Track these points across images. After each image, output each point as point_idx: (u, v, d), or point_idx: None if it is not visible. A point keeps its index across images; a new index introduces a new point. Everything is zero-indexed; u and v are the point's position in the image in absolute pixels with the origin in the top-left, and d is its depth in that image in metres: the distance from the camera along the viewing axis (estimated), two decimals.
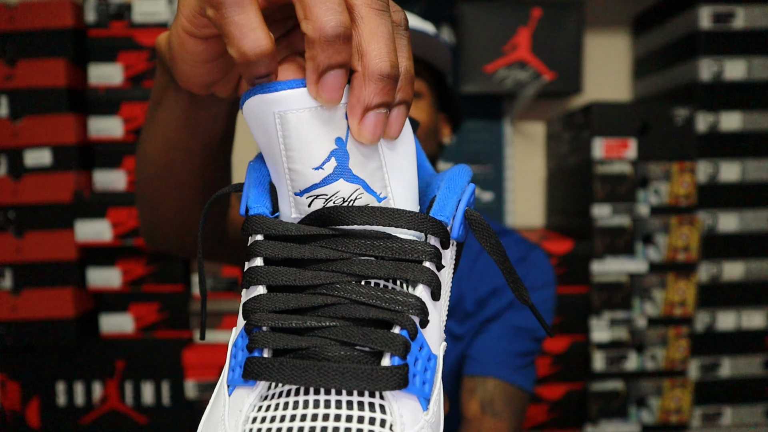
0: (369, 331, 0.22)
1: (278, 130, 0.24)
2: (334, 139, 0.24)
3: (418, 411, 0.23)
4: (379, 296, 0.23)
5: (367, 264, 0.24)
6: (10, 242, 1.28)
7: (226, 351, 1.29)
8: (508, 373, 0.70)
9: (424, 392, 0.23)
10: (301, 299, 0.23)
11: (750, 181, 1.33)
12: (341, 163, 0.24)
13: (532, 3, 1.46)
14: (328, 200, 0.25)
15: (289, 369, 0.21)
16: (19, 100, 1.27)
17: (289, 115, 0.24)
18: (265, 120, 0.24)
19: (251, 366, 0.22)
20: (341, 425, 0.21)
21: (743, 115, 1.32)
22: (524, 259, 0.76)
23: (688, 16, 1.34)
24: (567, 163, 1.44)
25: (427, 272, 0.24)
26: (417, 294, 0.24)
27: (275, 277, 0.24)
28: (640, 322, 1.29)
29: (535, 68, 1.48)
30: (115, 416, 1.33)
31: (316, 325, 0.23)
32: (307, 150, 0.24)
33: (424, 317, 0.23)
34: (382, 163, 0.25)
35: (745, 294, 1.34)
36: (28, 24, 1.26)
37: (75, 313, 1.29)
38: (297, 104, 0.23)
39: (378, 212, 0.24)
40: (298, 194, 0.25)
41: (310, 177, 0.24)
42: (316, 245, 0.25)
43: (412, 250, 0.24)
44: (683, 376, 1.32)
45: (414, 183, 0.26)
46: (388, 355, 0.22)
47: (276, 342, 0.22)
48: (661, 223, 1.27)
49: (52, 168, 1.28)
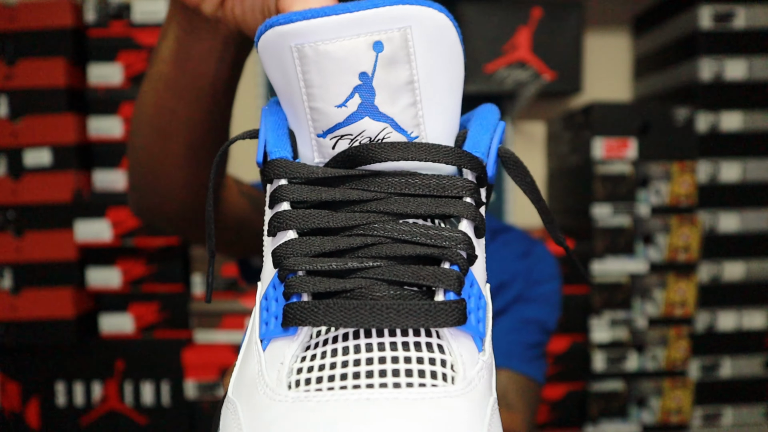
0: (418, 269, 0.21)
1: (297, 65, 0.22)
2: (357, 74, 0.22)
3: (474, 351, 0.21)
4: (422, 233, 0.22)
5: (404, 201, 0.22)
6: (10, 242, 1.28)
7: (226, 351, 1.29)
8: (519, 364, 0.69)
9: (480, 331, 0.22)
10: (337, 241, 0.22)
11: (750, 181, 1.33)
12: (366, 99, 0.22)
13: (532, 3, 1.46)
14: (353, 140, 0.23)
15: (337, 311, 0.19)
16: (18, 100, 1.27)
17: (307, 48, 0.22)
18: (281, 55, 0.22)
19: (291, 312, 0.20)
20: (400, 367, 0.19)
21: (744, 115, 1.32)
22: (528, 254, 0.76)
23: (689, 15, 1.34)
24: (567, 163, 1.44)
25: (470, 207, 0.22)
26: (462, 228, 0.22)
27: (306, 220, 0.22)
28: (640, 322, 1.29)
29: (535, 68, 1.48)
30: (114, 416, 1.32)
31: (358, 266, 0.21)
32: (329, 85, 0.22)
33: (471, 252, 0.22)
34: (417, 99, 0.23)
35: (746, 294, 1.34)
36: (28, 24, 1.26)
37: (75, 313, 1.29)
38: (316, 35, 0.21)
39: (411, 147, 0.22)
40: (320, 135, 0.23)
41: (333, 116, 0.23)
42: (347, 187, 0.23)
43: (451, 185, 0.22)
44: (684, 376, 1.32)
45: (454, 118, 0.24)
46: (441, 291, 0.20)
47: (316, 285, 0.20)
48: (661, 223, 1.27)
49: (52, 168, 1.28)
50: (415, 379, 0.19)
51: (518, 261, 0.74)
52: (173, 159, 0.45)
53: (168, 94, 0.42)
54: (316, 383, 0.19)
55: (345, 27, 0.21)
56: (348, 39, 0.21)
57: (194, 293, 1.33)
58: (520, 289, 0.72)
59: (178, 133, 0.44)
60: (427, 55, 0.22)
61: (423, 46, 0.22)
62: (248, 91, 1.53)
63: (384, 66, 0.22)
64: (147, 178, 0.49)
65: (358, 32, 0.21)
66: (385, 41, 0.21)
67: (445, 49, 0.23)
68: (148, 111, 0.44)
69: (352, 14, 0.21)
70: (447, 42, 0.23)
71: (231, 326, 1.31)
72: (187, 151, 0.45)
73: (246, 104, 1.51)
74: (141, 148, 0.47)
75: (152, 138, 0.45)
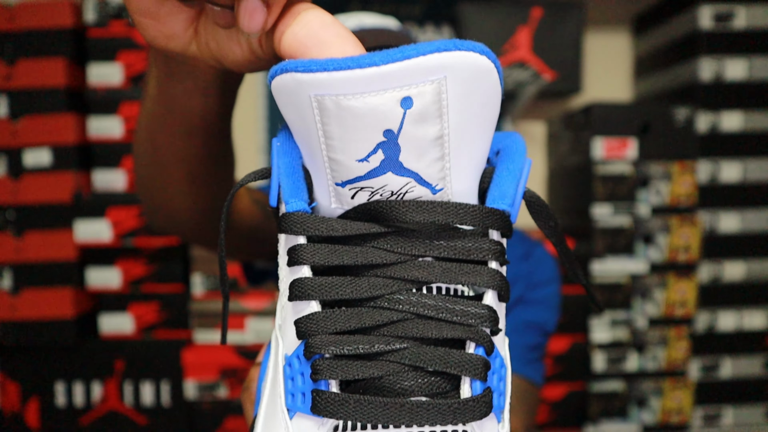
0: (444, 353, 0.20)
1: (316, 116, 0.20)
2: (382, 131, 0.20)
3: (494, 425, 0.22)
4: (448, 308, 0.21)
5: (428, 268, 0.22)
6: (10, 242, 1.28)
7: (226, 351, 1.29)
8: (519, 366, 0.69)
9: (500, 405, 0.22)
10: (362, 316, 0.21)
11: (751, 181, 1.33)
12: (390, 155, 0.21)
13: (532, 3, 1.46)
14: (374, 193, 0.22)
15: (368, 407, 0.20)
16: (18, 100, 1.27)
17: (327, 101, 0.20)
18: (299, 102, 0.21)
19: (321, 402, 0.20)
20: None
21: (744, 115, 1.32)
22: (529, 256, 0.76)
23: (689, 15, 1.34)
24: (567, 163, 1.44)
25: (496, 275, 0.22)
26: (487, 302, 0.22)
27: (329, 290, 0.21)
28: (640, 322, 1.29)
29: (535, 68, 1.48)
30: (114, 417, 1.32)
31: (384, 349, 0.21)
32: (351, 140, 0.20)
33: (495, 327, 0.21)
34: (445, 152, 0.21)
35: (746, 294, 1.33)
36: (28, 24, 1.26)
37: (74, 313, 1.29)
38: (338, 89, 0.19)
39: (436, 208, 0.21)
40: (339, 184, 0.22)
41: (354, 169, 0.21)
42: (368, 246, 0.22)
43: (477, 249, 0.22)
44: (684, 376, 1.31)
45: (482, 161, 0.23)
46: (467, 380, 0.20)
47: (344, 372, 0.20)
48: (661, 223, 1.27)
49: (52, 168, 1.28)
50: None
51: (519, 263, 0.74)
52: (175, 188, 0.46)
53: (160, 131, 0.41)
54: None
55: (371, 82, 0.19)
56: (374, 95, 0.19)
57: (194, 293, 1.33)
58: (520, 292, 0.73)
59: (176, 166, 0.43)
60: (462, 107, 0.20)
61: (458, 97, 0.20)
62: (249, 90, 1.53)
63: (412, 122, 0.20)
64: (154, 202, 0.49)
65: (385, 87, 0.19)
66: (415, 96, 0.19)
67: (483, 96, 0.21)
68: (145, 145, 0.44)
69: (379, 68, 0.19)
70: (486, 87, 0.20)
71: (231, 326, 1.31)
72: (187, 181, 0.45)
73: (247, 102, 1.51)
74: (144, 177, 0.47)
75: (152, 170, 0.45)
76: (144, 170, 0.46)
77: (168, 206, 0.48)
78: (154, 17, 0.29)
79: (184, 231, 0.52)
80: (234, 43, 0.29)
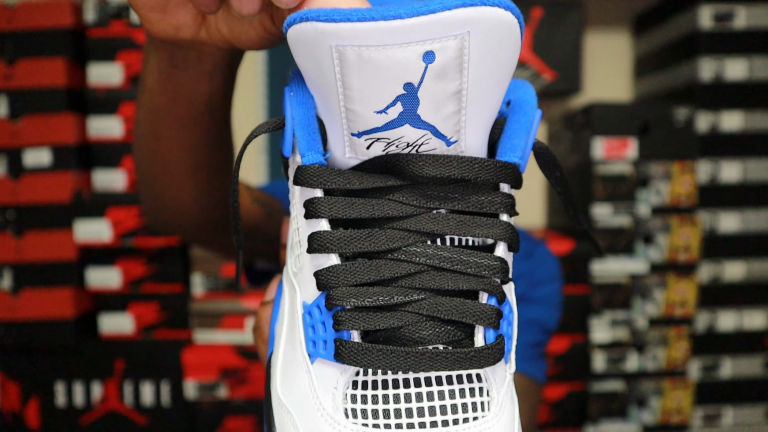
0: (459, 304, 0.22)
1: (335, 66, 0.20)
2: (402, 84, 0.20)
3: (502, 367, 0.23)
4: (462, 260, 0.22)
5: (443, 220, 0.22)
6: (10, 242, 1.28)
7: (226, 351, 1.29)
8: (521, 364, 0.69)
9: (509, 348, 0.23)
10: (380, 268, 0.22)
11: (751, 181, 1.33)
12: (408, 108, 0.21)
13: (532, 3, 1.46)
14: (390, 144, 0.22)
15: (389, 356, 0.21)
16: (18, 100, 1.27)
17: (349, 51, 0.20)
18: (318, 52, 0.20)
19: (344, 351, 0.21)
20: (446, 403, 0.21)
21: (744, 115, 1.32)
22: (531, 254, 0.76)
23: (689, 15, 1.34)
24: (567, 163, 1.44)
25: (507, 228, 0.23)
26: (499, 253, 0.22)
27: (348, 244, 0.22)
28: (640, 322, 1.29)
29: (535, 68, 1.48)
30: (114, 417, 1.32)
31: (403, 300, 0.22)
32: (370, 92, 0.20)
33: (506, 278, 0.22)
34: (462, 106, 0.21)
35: (746, 294, 1.33)
36: (28, 24, 1.26)
37: (74, 314, 1.29)
38: (360, 39, 0.19)
39: (451, 162, 0.22)
40: (355, 135, 0.22)
41: (371, 120, 0.21)
42: (385, 199, 0.22)
43: (489, 202, 0.22)
44: (684, 376, 1.31)
45: (493, 118, 0.23)
46: (481, 328, 0.22)
47: (366, 323, 0.21)
48: (661, 223, 1.27)
49: (52, 168, 1.28)
50: (460, 414, 0.21)
51: (521, 262, 0.74)
52: (179, 182, 0.45)
53: (163, 123, 0.40)
54: (372, 417, 0.21)
55: (394, 34, 0.19)
56: (396, 48, 0.19)
57: (194, 293, 1.33)
58: (522, 290, 0.73)
59: (182, 158, 0.43)
60: (483, 62, 0.20)
61: (480, 53, 0.20)
62: (247, 77, 1.53)
63: (433, 77, 0.20)
64: (157, 200, 0.48)
65: (408, 41, 0.19)
66: (438, 51, 0.19)
67: (504, 51, 0.21)
68: (148, 139, 0.43)
69: (404, 21, 0.19)
70: (508, 43, 0.20)
71: (231, 326, 1.31)
72: (192, 172, 0.44)
73: (245, 84, 1.50)
74: (147, 174, 0.46)
75: (156, 166, 0.44)
76: (147, 167, 0.45)
77: (173, 202, 0.47)
78: (162, 10, 0.29)
79: (187, 227, 0.51)
80: (246, 23, 0.29)
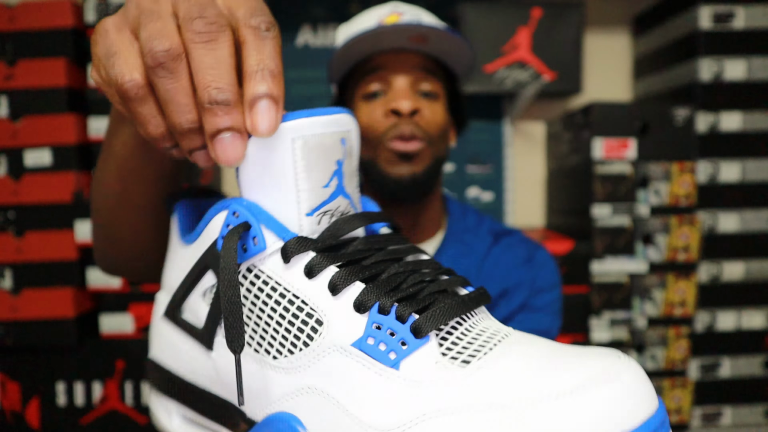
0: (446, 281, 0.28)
1: (295, 154, 0.27)
2: (335, 161, 0.28)
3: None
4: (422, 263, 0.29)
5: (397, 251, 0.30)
6: (10, 242, 1.28)
7: None
8: None
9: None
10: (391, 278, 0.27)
11: (750, 181, 1.33)
12: (340, 181, 0.28)
13: (532, 3, 1.46)
14: (333, 215, 0.29)
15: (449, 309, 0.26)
16: (19, 100, 1.27)
17: (301, 141, 0.27)
18: (279, 145, 0.27)
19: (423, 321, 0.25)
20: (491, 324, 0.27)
21: (743, 115, 1.32)
22: (531, 259, 0.76)
23: (688, 16, 1.34)
24: (567, 163, 1.44)
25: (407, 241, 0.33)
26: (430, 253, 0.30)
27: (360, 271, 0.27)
28: (640, 322, 1.29)
29: (535, 68, 1.48)
30: (115, 416, 1.32)
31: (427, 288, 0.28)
32: (319, 170, 0.27)
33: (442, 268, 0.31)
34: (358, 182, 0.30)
35: (745, 294, 1.34)
36: (28, 24, 1.26)
37: (75, 313, 1.29)
38: (312, 130, 0.27)
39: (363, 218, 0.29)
40: (309, 214, 0.28)
41: (320, 195, 0.28)
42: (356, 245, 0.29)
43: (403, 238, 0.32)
44: (683, 376, 1.32)
45: None
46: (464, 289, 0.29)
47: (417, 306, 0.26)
48: (661, 223, 1.27)
49: (52, 168, 1.28)
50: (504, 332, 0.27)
51: (521, 267, 0.74)
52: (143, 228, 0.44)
53: (133, 181, 0.41)
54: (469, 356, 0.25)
55: (327, 125, 0.27)
56: (329, 135, 0.28)
57: None
58: (524, 298, 0.72)
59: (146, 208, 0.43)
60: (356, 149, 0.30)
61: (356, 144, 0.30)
62: None
63: (347, 156, 0.29)
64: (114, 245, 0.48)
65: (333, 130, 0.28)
66: (346, 137, 0.29)
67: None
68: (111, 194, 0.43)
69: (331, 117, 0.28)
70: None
71: None
72: (157, 221, 0.44)
73: None
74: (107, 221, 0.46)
75: (121, 211, 0.44)
76: (112, 216, 0.45)
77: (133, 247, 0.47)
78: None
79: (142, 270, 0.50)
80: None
